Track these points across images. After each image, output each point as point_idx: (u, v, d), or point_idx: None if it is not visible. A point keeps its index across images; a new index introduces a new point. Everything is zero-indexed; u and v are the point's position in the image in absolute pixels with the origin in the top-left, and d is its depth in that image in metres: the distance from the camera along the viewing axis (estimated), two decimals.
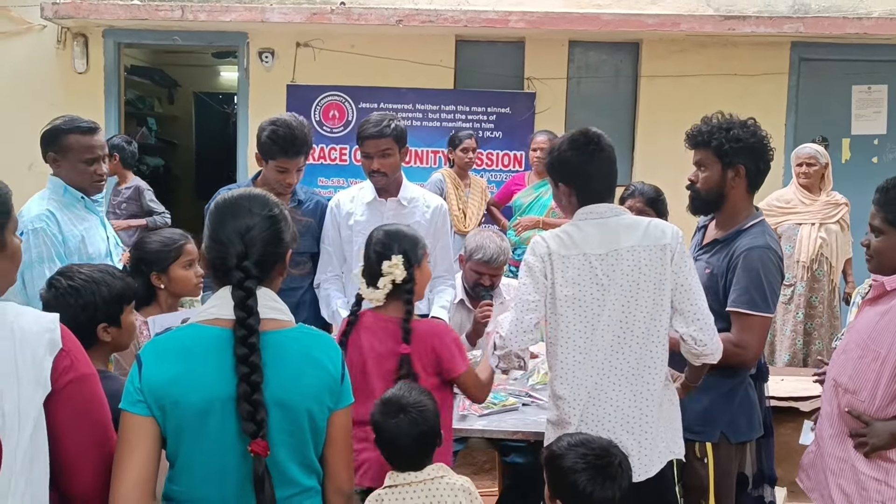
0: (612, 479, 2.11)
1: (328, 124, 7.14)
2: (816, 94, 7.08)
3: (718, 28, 6.59)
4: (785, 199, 5.44)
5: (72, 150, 3.08)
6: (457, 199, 5.75)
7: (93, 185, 3.15)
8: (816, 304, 5.34)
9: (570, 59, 7.17)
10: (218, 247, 1.80)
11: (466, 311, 3.74)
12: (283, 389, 1.75)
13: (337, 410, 1.85)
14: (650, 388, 2.45)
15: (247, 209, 1.82)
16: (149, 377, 1.71)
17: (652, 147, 6.93)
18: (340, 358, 1.88)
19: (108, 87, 7.20)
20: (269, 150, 3.39)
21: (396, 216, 3.52)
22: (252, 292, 1.75)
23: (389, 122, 3.43)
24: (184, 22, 6.70)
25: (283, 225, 1.87)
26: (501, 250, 3.63)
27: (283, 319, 1.83)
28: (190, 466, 1.74)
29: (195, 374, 1.72)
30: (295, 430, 1.78)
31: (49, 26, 6.99)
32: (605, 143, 2.61)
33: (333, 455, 1.87)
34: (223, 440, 1.71)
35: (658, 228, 2.50)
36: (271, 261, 1.83)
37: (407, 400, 2.30)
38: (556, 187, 2.64)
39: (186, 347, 1.75)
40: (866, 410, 2.41)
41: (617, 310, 2.43)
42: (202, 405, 1.70)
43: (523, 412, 3.08)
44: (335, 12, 6.60)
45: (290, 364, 1.78)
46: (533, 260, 2.51)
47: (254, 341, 1.71)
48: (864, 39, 6.69)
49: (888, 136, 7.07)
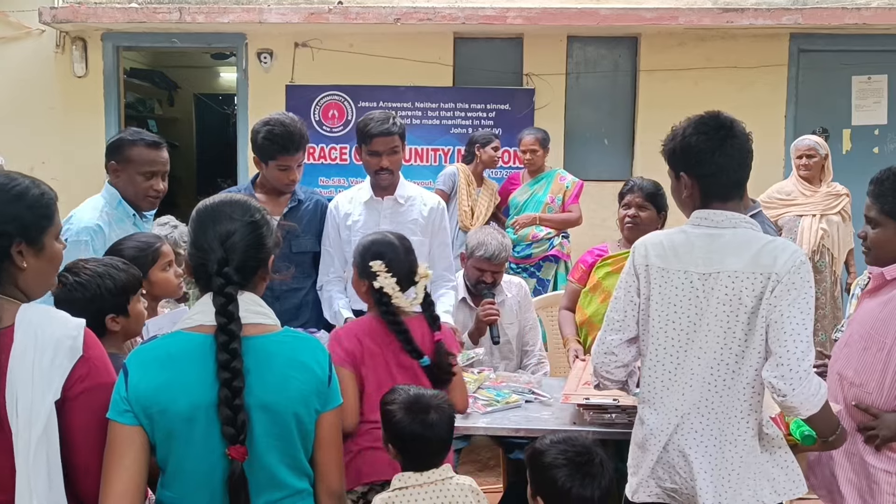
0: (592, 478, 2.11)
1: (328, 124, 7.14)
2: (816, 86, 7.07)
3: (717, 21, 6.58)
4: (785, 192, 5.43)
5: (133, 161, 3.07)
6: (467, 196, 5.76)
7: (147, 199, 3.13)
8: (819, 295, 5.33)
9: (568, 55, 7.17)
10: (199, 253, 1.81)
11: (469, 309, 3.74)
12: (269, 393, 1.76)
13: (325, 412, 1.86)
14: (738, 431, 2.22)
15: (227, 215, 1.83)
16: (135, 386, 1.72)
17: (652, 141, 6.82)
18: (327, 360, 1.89)
19: (108, 90, 7.21)
20: (267, 151, 3.39)
21: (393, 214, 3.52)
22: (232, 298, 1.75)
23: (394, 119, 3.44)
24: (182, 24, 6.70)
25: (265, 230, 1.87)
26: (503, 247, 3.63)
27: (267, 324, 1.83)
28: (180, 472, 1.76)
29: (181, 381, 1.73)
30: (283, 434, 1.79)
31: (48, 31, 7.00)
32: (739, 130, 2.28)
33: (323, 457, 1.88)
34: (210, 445, 1.72)
35: (772, 254, 2.16)
36: (253, 266, 1.84)
37: (430, 399, 2.32)
38: (677, 179, 2.33)
39: (171, 355, 1.76)
40: (874, 402, 2.40)
41: (710, 339, 2.21)
42: (188, 411, 1.71)
43: (526, 409, 3.08)
44: (333, 12, 6.60)
45: (276, 368, 1.78)
46: (628, 274, 2.33)
47: (235, 346, 1.71)
48: (864, 29, 6.67)
49: (889, 127, 7.06)
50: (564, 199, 5.67)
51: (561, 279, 5.61)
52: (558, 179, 5.75)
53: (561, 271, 5.67)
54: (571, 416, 2.93)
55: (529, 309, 3.91)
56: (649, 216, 3.57)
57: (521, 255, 5.58)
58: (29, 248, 1.74)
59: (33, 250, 1.75)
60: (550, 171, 5.84)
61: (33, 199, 1.76)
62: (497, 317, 3.55)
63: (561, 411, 3.00)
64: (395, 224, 3.52)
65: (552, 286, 5.58)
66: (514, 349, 3.80)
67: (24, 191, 1.76)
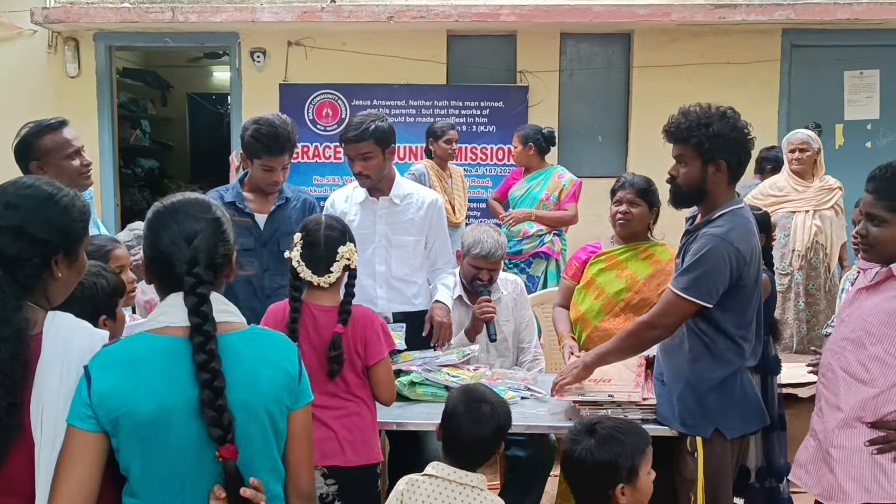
0: None
1: (322, 122, 7.14)
2: (809, 81, 7.09)
3: (709, 17, 6.59)
4: (778, 187, 5.44)
5: (51, 150, 2.97)
6: (443, 192, 5.72)
7: (81, 177, 3.03)
8: (814, 291, 5.35)
9: (561, 52, 7.18)
10: (163, 255, 1.76)
11: (465, 307, 3.74)
12: (242, 391, 1.72)
13: (295, 410, 1.83)
14: None
15: (190, 214, 1.78)
16: (98, 390, 1.67)
17: (646, 137, 6.92)
18: (297, 356, 1.86)
19: (101, 90, 7.20)
20: (253, 149, 3.39)
21: (389, 215, 3.52)
22: (206, 298, 1.71)
23: (370, 123, 3.38)
24: (174, 23, 6.69)
25: (227, 226, 1.83)
26: (499, 245, 3.63)
27: (234, 322, 1.80)
28: (148, 478, 1.70)
29: (147, 385, 1.68)
30: (257, 433, 1.75)
31: (39, 31, 6.98)
32: None
33: (295, 456, 1.84)
34: (182, 449, 1.69)
35: None
36: (219, 263, 1.80)
37: (487, 394, 2.43)
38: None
39: (137, 358, 1.71)
40: (879, 395, 2.34)
41: None
42: (155, 415, 1.67)
43: (522, 406, 3.09)
44: (326, 10, 6.60)
45: (246, 365, 1.75)
46: None
47: (212, 347, 1.67)
48: (856, 25, 6.69)
49: (881, 121, 7.09)
50: (560, 197, 5.66)
51: (551, 276, 5.60)
52: (556, 177, 5.74)
53: (551, 268, 5.65)
54: (567, 411, 2.94)
55: (525, 306, 3.91)
56: (641, 212, 3.57)
57: (512, 250, 5.57)
58: (65, 259, 1.75)
59: (68, 260, 1.76)
60: (550, 168, 5.83)
61: (77, 211, 1.77)
62: (493, 314, 3.56)
63: (557, 407, 3.00)
64: (391, 224, 3.52)
65: (542, 283, 5.58)
66: (510, 346, 3.80)
67: (71, 203, 1.77)
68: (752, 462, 2.94)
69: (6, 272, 1.68)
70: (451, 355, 3.31)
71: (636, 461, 2.21)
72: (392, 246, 3.52)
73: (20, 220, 1.71)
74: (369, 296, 3.45)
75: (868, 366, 2.37)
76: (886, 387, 2.34)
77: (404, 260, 3.53)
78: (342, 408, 2.67)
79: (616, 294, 3.57)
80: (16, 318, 1.66)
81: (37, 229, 1.71)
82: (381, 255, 3.52)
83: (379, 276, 3.52)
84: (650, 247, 3.63)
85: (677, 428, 2.72)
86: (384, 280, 3.52)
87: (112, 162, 7.39)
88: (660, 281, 3.49)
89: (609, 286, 3.59)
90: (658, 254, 3.60)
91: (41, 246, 1.72)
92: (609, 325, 3.54)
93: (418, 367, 3.16)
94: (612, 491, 2.20)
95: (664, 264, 3.52)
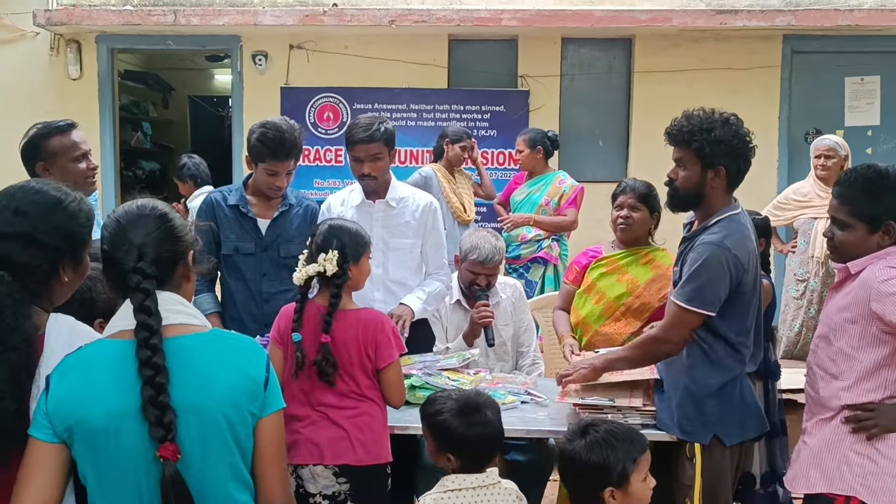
0: None
1: (323, 126, 7.15)
2: (809, 87, 7.10)
3: (710, 22, 6.60)
4: (802, 193, 5.40)
5: (58, 152, 2.97)
6: (452, 193, 5.72)
7: (87, 181, 3.03)
8: None
9: (563, 57, 7.19)
10: (112, 258, 1.74)
11: (463, 312, 3.74)
12: (193, 395, 1.66)
13: (263, 418, 1.74)
14: None
15: (135, 215, 1.76)
16: (54, 398, 1.64)
17: (647, 142, 6.94)
18: (264, 362, 1.78)
19: (103, 92, 7.21)
20: (258, 153, 3.39)
21: (385, 218, 3.52)
22: (149, 293, 1.68)
23: (379, 125, 3.40)
24: (176, 26, 6.71)
25: (176, 222, 1.80)
26: (497, 250, 3.63)
27: (194, 324, 1.75)
28: (105, 485, 1.66)
29: (98, 390, 1.64)
30: (215, 439, 1.69)
31: (42, 33, 7.00)
32: None
33: (264, 466, 1.76)
34: (136, 454, 1.64)
35: None
36: (169, 259, 1.76)
37: (477, 398, 2.44)
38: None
39: (89, 364, 1.67)
40: (852, 387, 2.39)
41: None
42: (107, 421, 1.63)
43: (522, 410, 3.09)
44: (327, 14, 6.61)
45: (199, 367, 1.69)
46: None
47: (155, 342, 1.63)
48: (856, 31, 6.70)
49: (881, 128, 7.10)
50: (560, 203, 5.64)
51: (549, 281, 5.58)
52: (557, 182, 5.71)
53: (549, 274, 5.63)
54: (567, 416, 2.94)
55: (524, 310, 3.91)
56: (642, 217, 3.58)
57: (511, 255, 5.57)
58: (70, 263, 1.77)
59: (73, 264, 1.78)
60: (552, 174, 5.80)
61: (84, 217, 1.79)
62: (491, 319, 3.56)
63: (557, 412, 3.00)
64: (387, 227, 3.51)
65: (539, 288, 5.57)
66: (509, 350, 3.81)
67: (78, 208, 1.78)
68: (757, 469, 2.95)
69: (16, 278, 1.69)
70: (451, 359, 3.31)
71: (627, 467, 2.21)
72: (389, 249, 3.52)
73: (30, 226, 1.72)
74: (366, 299, 3.44)
75: (836, 360, 2.45)
76: (854, 380, 2.41)
77: (401, 263, 3.53)
78: (354, 408, 2.69)
79: (617, 299, 3.57)
80: (26, 326, 1.67)
81: (46, 235, 1.72)
82: (378, 257, 3.51)
83: (376, 279, 3.51)
84: (651, 252, 3.63)
85: (676, 434, 2.71)
86: (381, 283, 3.51)
87: (113, 164, 7.42)
88: (660, 285, 3.49)
89: (610, 291, 3.59)
90: (659, 258, 3.61)
91: (50, 252, 1.73)
92: (610, 330, 3.55)
93: (418, 371, 3.16)
94: (601, 493, 2.21)
95: (665, 269, 3.52)
